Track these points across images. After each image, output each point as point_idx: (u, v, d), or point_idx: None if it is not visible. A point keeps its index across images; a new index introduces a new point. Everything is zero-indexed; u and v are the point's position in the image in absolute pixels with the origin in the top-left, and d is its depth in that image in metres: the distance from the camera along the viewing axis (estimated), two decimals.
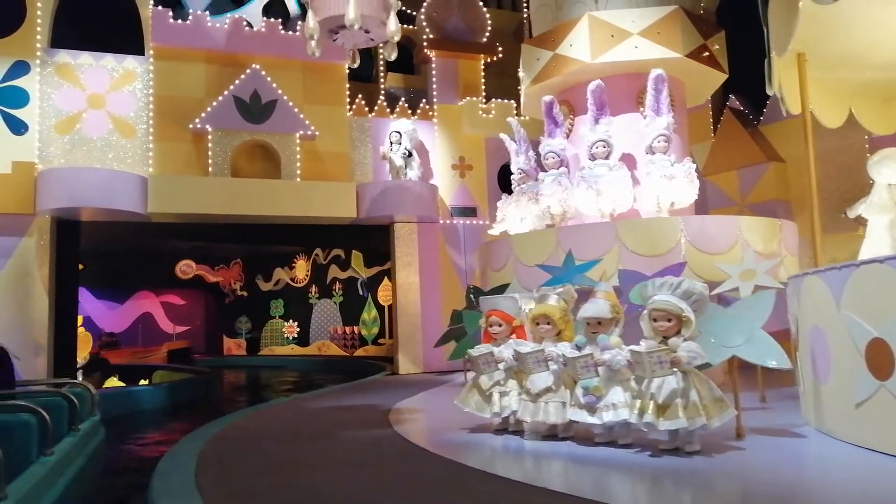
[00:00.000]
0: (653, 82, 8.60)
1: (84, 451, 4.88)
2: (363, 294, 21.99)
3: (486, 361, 5.57)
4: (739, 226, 8.09)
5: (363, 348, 21.68)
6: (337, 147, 12.80)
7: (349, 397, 9.31)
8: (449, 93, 13.67)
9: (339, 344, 22.56)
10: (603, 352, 4.90)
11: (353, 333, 22.18)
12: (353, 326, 22.28)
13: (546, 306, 5.40)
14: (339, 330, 22.67)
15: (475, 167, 13.65)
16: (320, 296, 23.61)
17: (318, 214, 12.24)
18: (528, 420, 5.30)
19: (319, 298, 23.64)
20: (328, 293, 23.32)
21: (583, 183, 8.55)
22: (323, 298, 23.53)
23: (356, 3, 7.00)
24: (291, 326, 24.54)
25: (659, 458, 4.57)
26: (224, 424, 6.98)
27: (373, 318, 21.68)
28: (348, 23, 7.01)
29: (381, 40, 7.77)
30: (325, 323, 23.31)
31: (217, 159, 11.87)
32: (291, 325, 24.56)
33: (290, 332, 24.47)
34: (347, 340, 22.31)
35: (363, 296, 21.96)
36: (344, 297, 22.90)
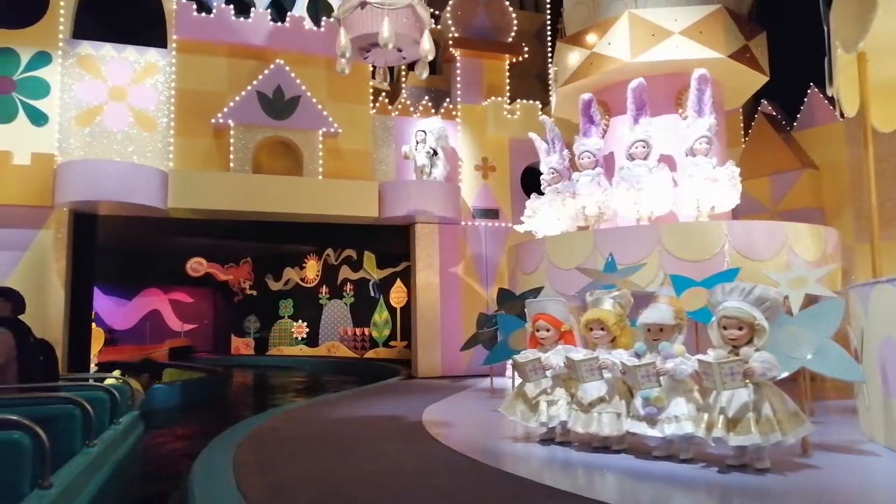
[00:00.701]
0: (696, 82, 8.36)
1: (125, 444, 4.93)
2: (375, 295, 21.75)
3: (533, 368, 5.31)
4: (785, 232, 7.83)
5: (373, 350, 21.42)
6: (359, 145, 12.56)
7: (373, 401, 9.05)
8: (473, 93, 13.43)
9: (348, 345, 22.31)
10: (666, 360, 4.64)
11: (364, 335, 21.93)
12: (363, 328, 22.03)
13: (600, 311, 5.15)
14: (350, 331, 22.42)
15: (498, 168, 13.40)
16: (331, 296, 23.38)
17: (339, 213, 12.00)
18: (579, 431, 5.03)
19: (330, 299, 23.40)
20: (339, 294, 23.08)
21: (623, 183, 8.30)
22: (333, 299, 23.29)
23: (390, 22, 6.80)
24: (301, 327, 24.31)
25: (726, 474, 4.30)
26: (249, 429, 6.68)
27: (384, 320, 21.42)
28: (382, 42, 6.81)
29: (412, 59, 7.58)
30: (335, 324, 23.06)
31: (238, 155, 11.63)
32: (301, 325, 24.33)
33: (300, 332, 24.23)
34: (357, 342, 22.06)
35: (375, 297, 21.72)
36: (355, 298, 22.66)
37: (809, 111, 11.75)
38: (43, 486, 3.05)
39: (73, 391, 4.42)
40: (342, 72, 7.48)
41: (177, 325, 26.70)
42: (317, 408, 8.52)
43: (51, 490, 3.05)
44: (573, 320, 5.57)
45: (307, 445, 5.85)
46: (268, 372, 20.66)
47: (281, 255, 24.40)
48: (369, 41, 7.18)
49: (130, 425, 5.44)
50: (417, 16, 7.17)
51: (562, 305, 5.53)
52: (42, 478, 3.07)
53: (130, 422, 5.47)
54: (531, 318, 5.64)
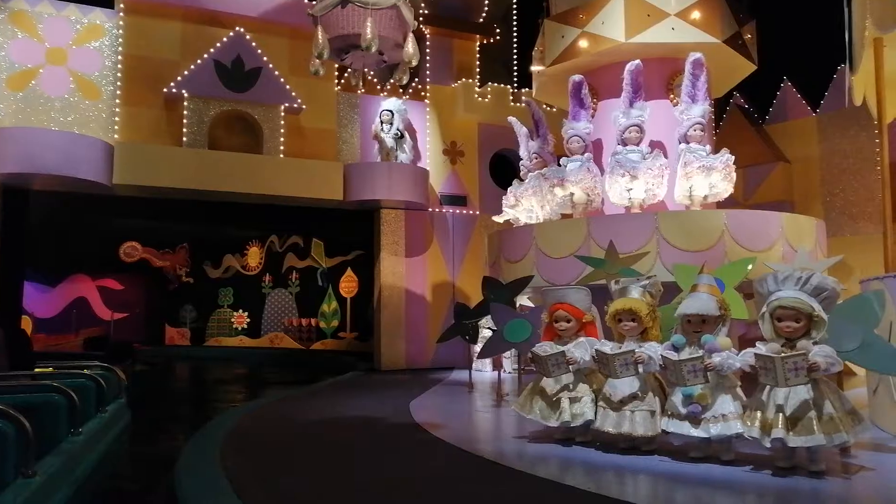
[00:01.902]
0: (691, 66, 8.08)
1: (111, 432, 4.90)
2: (323, 285, 20.92)
3: (556, 363, 4.85)
4: (781, 223, 7.66)
5: (321, 342, 20.60)
6: (323, 123, 11.82)
7: (347, 397, 8.43)
8: (442, 73, 12.87)
9: (293, 336, 21.43)
10: (711, 354, 4.26)
11: (311, 326, 21.09)
12: (310, 319, 21.17)
13: (632, 300, 4.73)
14: (295, 322, 21.53)
15: (467, 154, 12.91)
16: (274, 285, 22.41)
17: (301, 195, 11.25)
18: (610, 431, 4.61)
19: (273, 288, 22.42)
20: (283, 283, 22.13)
21: (618, 168, 7.94)
22: (277, 288, 22.32)
23: (373, 23, 6.21)
24: (241, 316, 23.23)
25: (782, 478, 3.95)
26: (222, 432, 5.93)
27: (333, 310, 20.62)
28: (364, 44, 6.23)
29: (393, 62, 7.02)
30: (280, 314, 22.12)
31: (192, 129, 10.72)
32: (241, 315, 23.24)
33: (240, 322, 23.15)
34: (303, 333, 21.20)
35: (323, 287, 20.89)
36: (301, 287, 21.75)
37: (782, 105, 11.77)
38: (26, 475, 3.06)
39: (58, 379, 4.33)
40: (316, 73, 6.90)
41: (105, 314, 25.09)
42: (288, 405, 7.84)
43: (34, 479, 3.06)
44: (596, 311, 5.15)
45: (300, 451, 5.23)
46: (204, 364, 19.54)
47: (221, 242, 23.24)
48: (349, 42, 6.59)
49: (117, 414, 5.38)
50: (402, 17, 6.63)
51: (584, 294, 5.10)
52: (25, 466, 3.08)
53: (117, 410, 5.42)
54: (548, 308, 5.19)
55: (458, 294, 12.47)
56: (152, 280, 25.21)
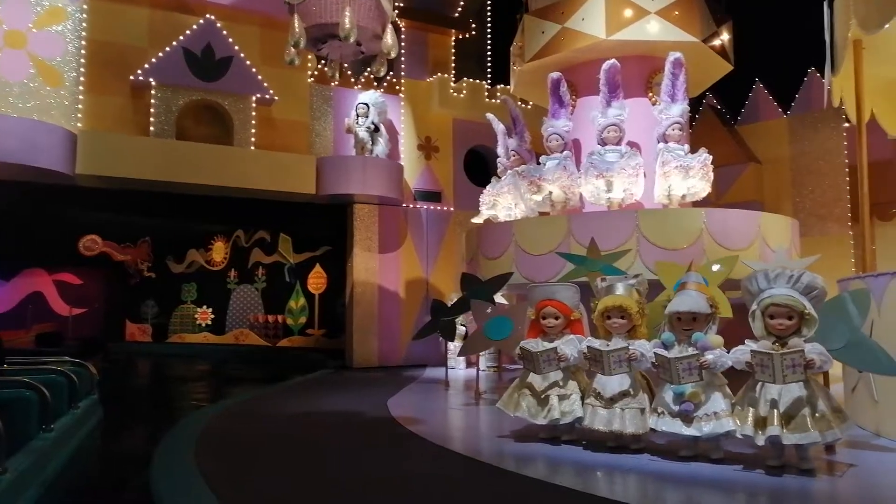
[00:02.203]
0: (671, 66, 8.09)
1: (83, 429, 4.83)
2: (290, 281, 20.59)
3: (547, 359, 4.78)
4: (758, 221, 7.71)
5: (288, 339, 20.26)
6: (295, 115, 11.57)
7: (323, 395, 8.25)
8: (417, 67, 12.72)
9: (259, 333, 21.03)
10: (704, 352, 4.23)
11: (277, 323, 20.73)
12: (277, 315, 20.81)
13: (622, 297, 4.68)
14: (261, 318, 21.13)
15: (442, 149, 12.78)
16: (240, 281, 21.96)
17: (272, 188, 10.99)
18: (600, 428, 4.54)
19: (239, 284, 21.97)
20: (249, 278, 21.70)
21: (592, 169, 7.91)
22: (243, 284, 21.88)
23: (352, 12, 6.06)
24: (205, 312, 22.71)
25: (775, 477, 3.93)
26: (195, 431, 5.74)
27: (300, 307, 20.31)
28: (343, 34, 6.06)
29: (371, 54, 6.87)
30: (245, 310, 21.69)
31: (160, 118, 10.38)
32: (205, 311, 22.73)
33: (204, 318, 22.63)
34: (270, 330, 20.82)
35: (290, 283, 20.56)
36: (267, 283, 21.37)
37: (753, 106, 11.91)
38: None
39: (30, 375, 4.25)
40: (291, 62, 6.70)
41: (63, 310, 24.33)
42: (262, 403, 7.64)
43: (5, 476, 3.01)
44: (583, 308, 5.08)
45: (276, 450, 5.06)
46: (167, 361, 19.07)
47: (184, 236, 22.69)
48: (326, 31, 6.41)
49: (89, 410, 5.29)
50: (381, 7, 6.47)
51: (573, 292, 5.03)
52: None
53: (89, 406, 5.33)
54: (535, 305, 5.11)
55: (432, 291, 12.35)
56: (112, 275, 24.50)
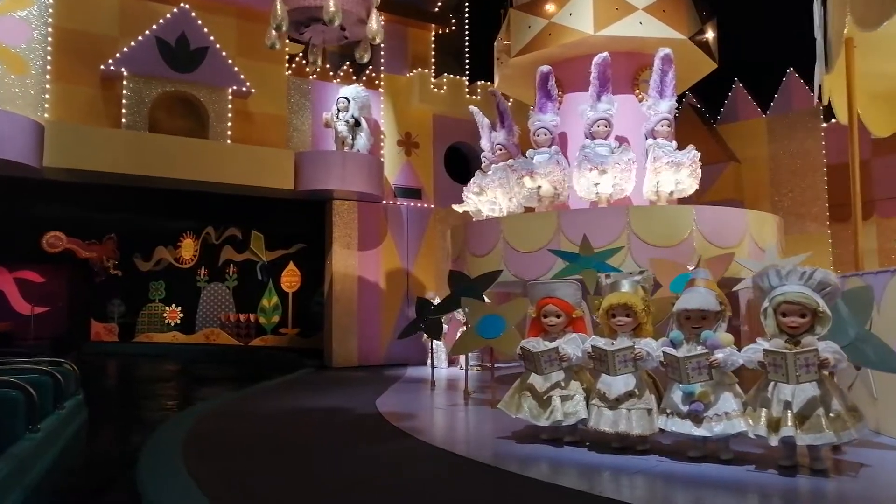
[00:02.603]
0: (660, 62, 8.05)
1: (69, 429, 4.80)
2: (262, 279, 20.19)
3: (549, 359, 4.63)
4: (746, 219, 7.70)
5: (260, 338, 19.86)
6: (273, 109, 11.27)
7: (307, 395, 8.00)
8: (397, 62, 12.51)
9: (231, 332, 20.58)
10: (714, 351, 4.13)
11: (249, 321, 20.31)
12: (248, 314, 20.40)
13: (627, 295, 4.56)
14: (233, 317, 20.69)
15: (422, 145, 12.59)
16: (210, 279, 21.47)
17: (249, 183, 10.69)
18: (606, 430, 4.42)
19: (209, 282, 21.48)
20: (220, 276, 21.23)
21: (586, 162, 7.80)
22: (213, 282, 21.39)
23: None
24: (174, 311, 22.18)
25: (788, 477, 3.85)
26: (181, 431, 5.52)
27: (273, 305, 19.93)
28: (327, 17, 5.89)
29: (355, 39, 6.68)
30: (216, 309, 21.21)
31: (132, 109, 10.01)
32: (174, 309, 22.20)
33: (173, 317, 22.10)
34: (242, 329, 20.39)
35: (262, 281, 20.16)
36: (239, 281, 20.92)
37: (732, 106, 11.96)
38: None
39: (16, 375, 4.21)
40: (272, 46, 6.49)
41: (24, 309, 23.56)
42: (246, 403, 7.38)
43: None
44: (585, 306, 4.96)
45: (266, 451, 4.85)
46: (135, 361, 18.53)
47: (152, 233, 22.12)
48: (309, 15, 6.24)
49: (74, 410, 5.25)
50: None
51: (574, 289, 4.90)
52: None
53: (74, 406, 5.29)
54: (535, 303, 4.96)
55: (412, 289, 12.16)
56: (77, 272, 23.78)
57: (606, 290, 4.70)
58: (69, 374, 5.49)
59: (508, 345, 6.41)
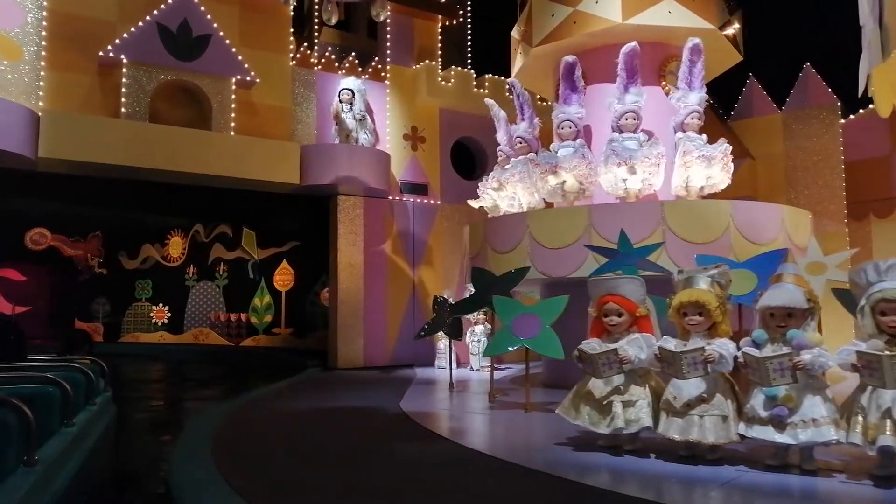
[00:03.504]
0: (689, 52, 7.78)
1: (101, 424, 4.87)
2: (254, 277, 19.72)
3: (607, 362, 4.31)
4: (782, 215, 7.44)
5: (252, 338, 19.41)
6: (277, 100, 10.84)
7: (324, 397, 7.60)
8: (403, 54, 12.13)
9: (221, 332, 20.09)
10: (800, 352, 3.83)
11: (240, 321, 19.82)
12: (239, 313, 19.91)
13: (700, 292, 4.23)
14: (223, 317, 20.19)
15: (428, 140, 12.22)
16: (199, 278, 20.95)
17: (253, 177, 10.24)
18: (676, 438, 4.10)
19: (198, 281, 20.97)
20: (210, 275, 20.72)
21: (614, 157, 7.50)
22: (203, 281, 20.89)
23: None
24: (161, 310, 21.65)
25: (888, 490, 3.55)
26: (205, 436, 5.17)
27: (266, 304, 19.48)
28: None
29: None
30: (205, 308, 20.71)
31: (132, 99, 9.53)
32: (161, 309, 21.67)
33: (160, 317, 21.57)
34: (232, 329, 19.91)
35: (255, 279, 19.69)
36: (229, 280, 20.43)
37: (747, 102, 11.75)
38: (29, 463, 3.04)
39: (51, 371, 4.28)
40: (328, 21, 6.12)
41: (5, 308, 22.77)
42: (265, 403, 6.97)
43: (36, 467, 3.05)
44: (651, 304, 4.64)
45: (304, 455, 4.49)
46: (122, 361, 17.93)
47: (138, 230, 21.57)
48: None
49: (104, 406, 5.32)
50: None
51: (638, 285, 4.57)
52: (28, 455, 3.05)
53: (104, 403, 5.36)
54: (595, 300, 4.63)
55: (419, 288, 11.80)
56: (61, 271, 23.12)
57: (680, 287, 4.38)
58: (99, 371, 5.58)
59: (546, 345, 6.11)
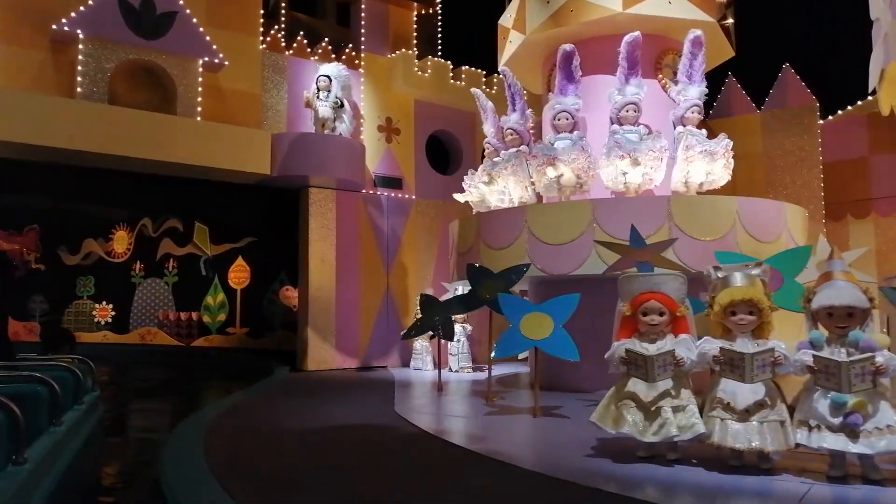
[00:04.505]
0: (690, 44, 7.57)
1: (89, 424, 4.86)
2: (207, 275, 18.81)
3: (663, 364, 3.97)
4: (784, 213, 7.29)
5: (205, 338, 18.49)
6: (246, 85, 10.18)
7: (310, 404, 7.02)
8: (378, 42, 11.61)
9: (170, 332, 19.11)
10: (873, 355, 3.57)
11: (191, 320, 18.89)
12: (191, 312, 18.96)
13: (751, 289, 3.95)
14: (172, 316, 19.20)
15: (403, 132, 11.74)
16: (147, 274, 19.89)
17: (221, 166, 9.57)
18: (738, 447, 3.79)
19: (145, 277, 19.90)
20: (158, 272, 19.69)
21: (617, 149, 7.21)
22: (151, 278, 19.83)
23: None
24: (105, 309, 20.47)
25: None
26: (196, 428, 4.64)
27: (219, 303, 18.59)
28: None
29: None
30: (152, 307, 19.67)
31: (89, 78, 8.75)
32: (105, 307, 20.49)
33: (103, 315, 20.40)
34: (182, 328, 18.95)
35: (208, 277, 18.78)
36: (180, 277, 19.45)
37: (725, 101, 11.70)
38: (18, 462, 3.02)
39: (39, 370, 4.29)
40: None
41: None
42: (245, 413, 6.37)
43: (25, 466, 3.04)
44: (689, 303, 4.32)
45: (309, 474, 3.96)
46: None
47: (79, 224, 20.33)
48: None
49: (93, 406, 5.33)
50: None
51: (681, 283, 4.25)
52: (17, 454, 3.03)
53: (92, 402, 5.37)
54: (631, 298, 4.29)
55: (393, 286, 11.32)
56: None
57: (720, 286, 4.08)
58: (87, 371, 5.52)
59: (559, 347, 5.77)
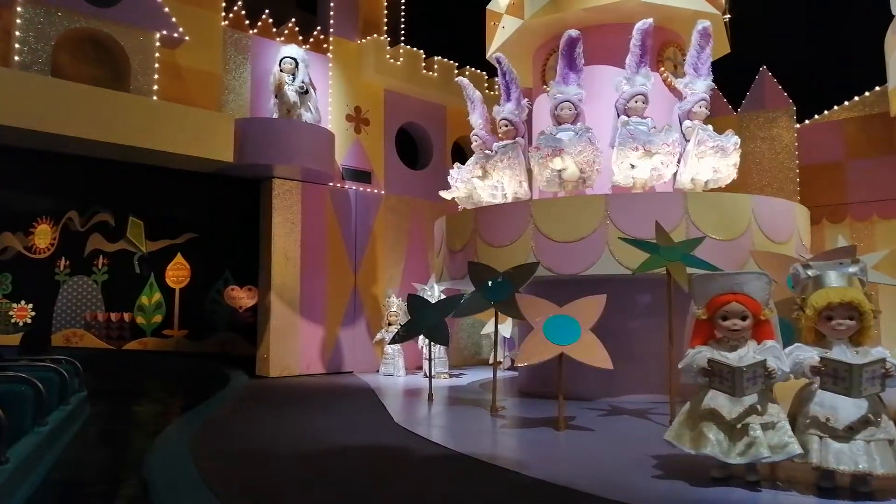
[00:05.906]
0: (698, 36, 7.24)
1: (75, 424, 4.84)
2: (142, 273, 17.50)
3: (753, 376, 3.49)
4: (795, 212, 7.04)
5: (138, 341, 17.19)
6: (206, 64, 9.25)
7: (286, 416, 6.25)
8: (347, 26, 10.85)
9: (98, 334, 17.71)
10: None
11: (123, 321, 17.53)
12: (122, 313, 17.59)
13: (852, 291, 3.54)
14: (101, 316, 17.79)
15: (373, 123, 11.03)
16: (73, 272, 18.39)
17: (177, 151, 8.60)
18: (844, 469, 3.36)
19: (71, 275, 18.40)
20: (86, 269, 18.22)
21: (630, 141, 6.77)
22: (77, 275, 18.34)
23: None
24: (24, 309, 18.84)
25: None
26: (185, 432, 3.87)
27: (155, 303, 17.32)
28: None
29: None
30: (79, 307, 18.19)
31: (28, 46, 7.66)
32: (23, 306, 18.86)
33: (21, 315, 18.76)
34: (113, 330, 17.58)
35: (142, 275, 17.47)
36: (110, 274, 18.04)
37: (716, 100, 11.53)
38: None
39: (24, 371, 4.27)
40: None
41: None
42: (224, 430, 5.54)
43: (6, 466, 3.03)
44: (773, 306, 3.87)
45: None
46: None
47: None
48: None
49: (79, 406, 5.29)
50: None
51: (765, 283, 3.79)
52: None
53: (79, 403, 5.33)
54: (707, 300, 3.80)
55: (360, 286, 10.58)
56: None
57: (812, 286, 3.65)
58: (73, 371, 5.44)
59: (587, 351, 5.26)
